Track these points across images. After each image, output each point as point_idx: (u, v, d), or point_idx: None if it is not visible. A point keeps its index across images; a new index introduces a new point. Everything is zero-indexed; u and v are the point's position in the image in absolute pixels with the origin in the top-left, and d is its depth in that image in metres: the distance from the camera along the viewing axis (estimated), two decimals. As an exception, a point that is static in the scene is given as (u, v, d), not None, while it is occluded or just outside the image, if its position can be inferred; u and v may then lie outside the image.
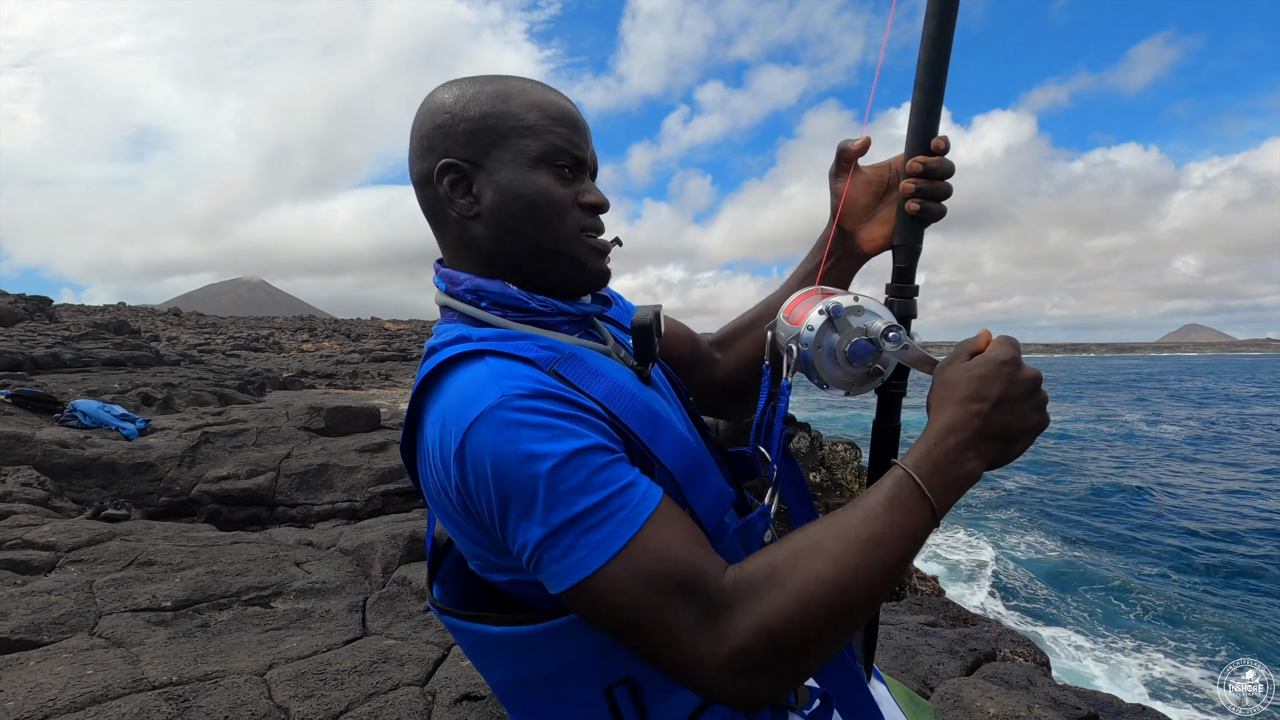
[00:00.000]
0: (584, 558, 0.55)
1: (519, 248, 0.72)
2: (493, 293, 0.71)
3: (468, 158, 0.71)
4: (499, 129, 0.71)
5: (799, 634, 0.55)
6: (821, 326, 0.72)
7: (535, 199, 0.71)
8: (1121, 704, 2.80)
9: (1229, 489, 17.62)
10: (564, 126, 0.73)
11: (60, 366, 11.62)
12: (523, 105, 0.72)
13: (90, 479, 5.15)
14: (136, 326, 26.26)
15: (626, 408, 0.63)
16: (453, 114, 0.71)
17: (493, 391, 0.59)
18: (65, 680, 2.10)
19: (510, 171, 0.71)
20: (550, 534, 0.56)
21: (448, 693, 2.17)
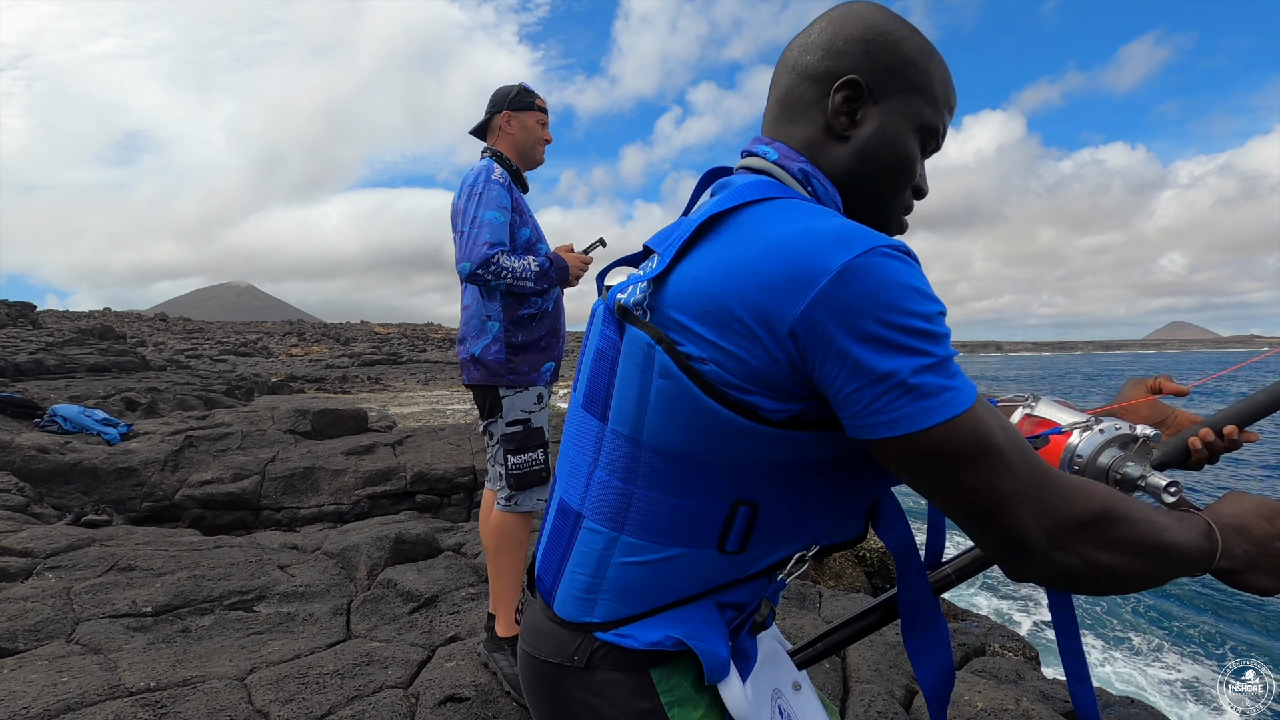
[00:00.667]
0: (957, 395, 0.58)
1: (864, 187, 0.75)
2: (823, 183, 0.74)
3: (871, 86, 0.73)
4: (913, 81, 0.73)
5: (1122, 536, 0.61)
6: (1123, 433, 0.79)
7: (902, 158, 0.74)
8: (1110, 696, 2.80)
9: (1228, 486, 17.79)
10: (949, 112, 0.77)
11: (44, 373, 11.47)
12: (937, 75, 0.75)
13: (71, 484, 5.08)
14: (122, 332, 25.99)
15: None
16: (881, 38, 0.73)
17: (875, 236, 0.60)
18: (40, 688, 2.06)
19: (898, 119, 0.73)
20: (936, 364, 0.58)
21: (431, 695, 2.14)
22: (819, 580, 5.06)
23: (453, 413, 13.37)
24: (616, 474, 0.70)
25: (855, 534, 0.75)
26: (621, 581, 0.70)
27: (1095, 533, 0.61)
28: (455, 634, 2.61)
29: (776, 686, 0.75)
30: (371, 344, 40.53)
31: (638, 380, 0.67)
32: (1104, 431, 0.78)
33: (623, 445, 0.69)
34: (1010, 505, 0.60)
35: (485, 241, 2.00)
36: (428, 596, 2.95)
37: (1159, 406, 0.93)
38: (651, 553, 0.69)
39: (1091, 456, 0.77)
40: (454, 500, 5.52)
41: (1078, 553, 0.61)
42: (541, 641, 0.75)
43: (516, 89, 2.29)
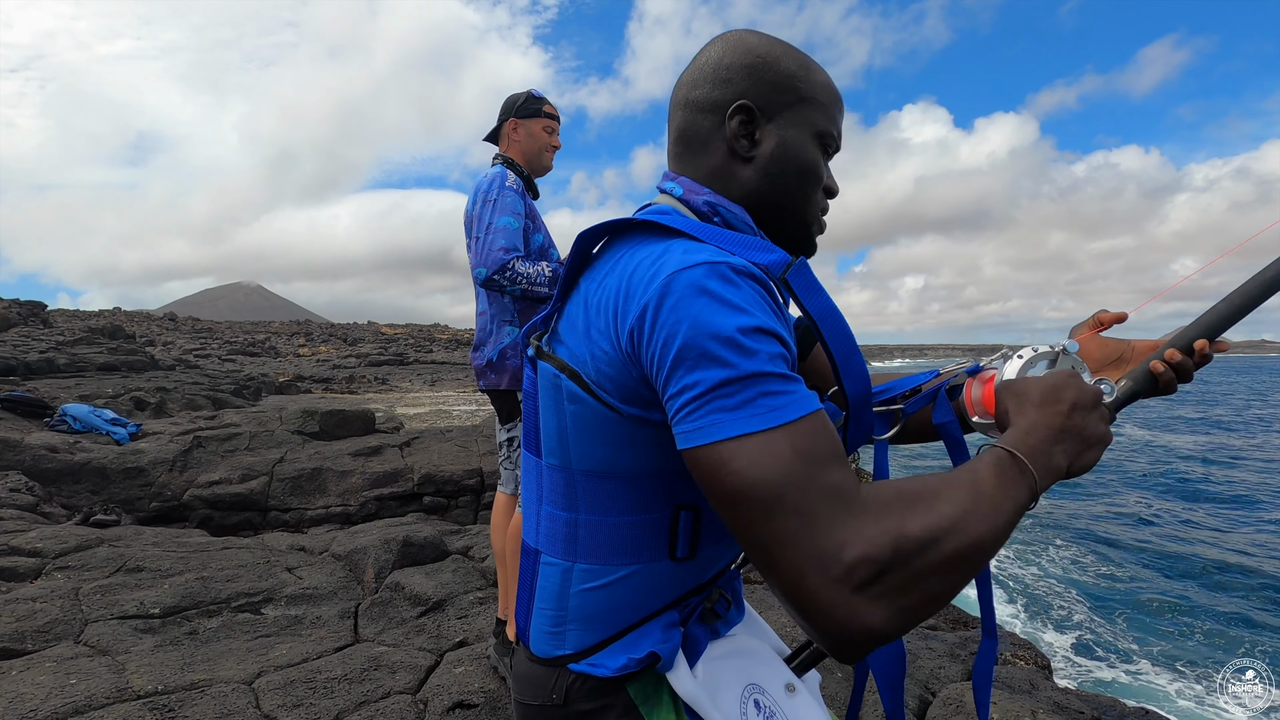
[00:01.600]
0: (758, 415, 0.56)
1: (775, 199, 0.78)
2: (730, 211, 0.76)
3: (762, 106, 0.76)
4: (799, 92, 0.77)
5: (925, 563, 0.54)
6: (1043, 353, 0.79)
7: (807, 166, 0.78)
8: (1125, 707, 2.76)
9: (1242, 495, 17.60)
10: (840, 114, 0.80)
11: (54, 371, 11.54)
12: (819, 82, 0.79)
13: (80, 484, 5.09)
14: (131, 332, 26.16)
15: (834, 329, 0.67)
16: (762, 61, 0.77)
17: (715, 254, 0.62)
18: (48, 690, 2.05)
19: (794, 131, 0.77)
20: (734, 379, 0.56)
21: (440, 701, 2.12)
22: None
23: (459, 414, 13.39)
24: (559, 505, 0.73)
25: None
26: (584, 609, 0.72)
27: (896, 574, 0.53)
28: (463, 639, 2.60)
29: (754, 682, 0.75)
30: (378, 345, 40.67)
31: (554, 411, 0.71)
32: (1022, 356, 0.78)
33: (558, 476, 0.73)
34: (789, 553, 0.53)
35: (500, 247, 2.00)
36: (435, 600, 2.94)
37: (1110, 343, 0.89)
38: (606, 575, 0.71)
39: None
40: (461, 502, 5.52)
41: (882, 602, 0.52)
42: (523, 686, 0.77)
43: (524, 96, 2.30)
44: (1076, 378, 0.69)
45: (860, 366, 0.69)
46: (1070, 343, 0.80)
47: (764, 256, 0.66)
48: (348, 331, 52.46)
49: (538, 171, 2.33)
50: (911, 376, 0.88)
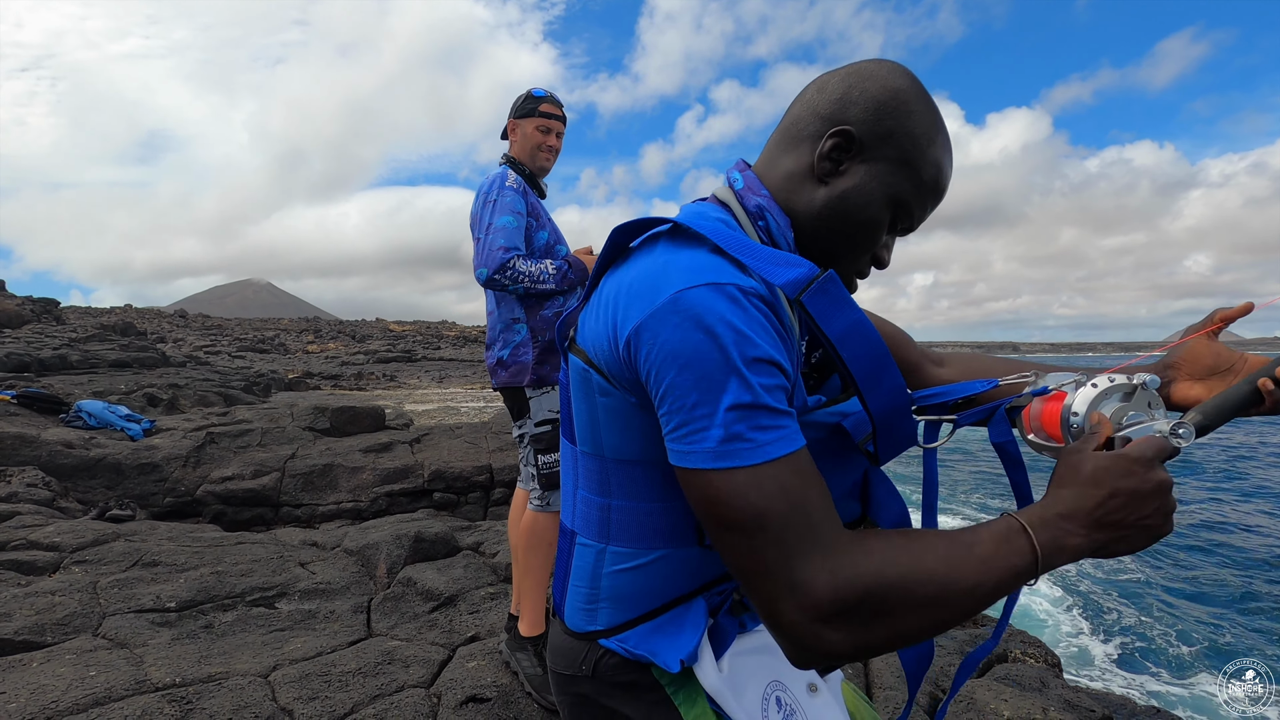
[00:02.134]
0: (747, 449, 0.58)
1: (824, 234, 0.76)
2: (775, 221, 0.75)
3: (866, 143, 0.73)
4: (905, 153, 0.73)
5: (894, 606, 0.57)
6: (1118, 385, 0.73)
7: (869, 222, 0.74)
8: (1135, 706, 2.75)
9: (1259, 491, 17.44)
10: (933, 199, 0.77)
11: (67, 368, 11.66)
12: (933, 156, 0.74)
13: (95, 479, 5.15)
14: (143, 328, 26.37)
15: (860, 348, 0.66)
16: (895, 105, 0.73)
17: (729, 274, 0.62)
18: (68, 682, 2.08)
19: (876, 184, 0.73)
20: (733, 408, 0.58)
21: (453, 694, 2.14)
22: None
23: (468, 410, 13.44)
24: (594, 490, 0.76)
25: (848, 518, 0.78)
26: (615, 589, 0.75)
27: (861, 611, 0.57)
28: (475, 633, 2.62)
29: (777, 678, 0.77)
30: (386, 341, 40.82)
31: (586, 402, 0.73)
32: (1096, 385, 0.73)
33: (593, 463, 0.75)
34: (766, 581, 0.58)
35: (500, 247, 2.02)
36: (447, 595, 2.96)
37: (1224, 353, 0.82)
38: (637, 558, 0.73)
39: (1089, 413, 0.72)
40: (471, 499, 5.55)
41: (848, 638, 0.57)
42: (557, 655, 0.81)
43: (522, 96, 2.31)
44: (1142, 464, 0.63)
45: (891, 381, 0.68)
46: (1151, 378, 0.74)
47: (785, 273, 0.64)
48: (356, 328, 52.67)
49: (536, 171, 2.32)
50: (967, 384, 0.84)
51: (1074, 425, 0.73)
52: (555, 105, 2.33)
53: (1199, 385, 0.83)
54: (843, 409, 0.74)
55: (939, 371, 0.99)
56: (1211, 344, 0.84)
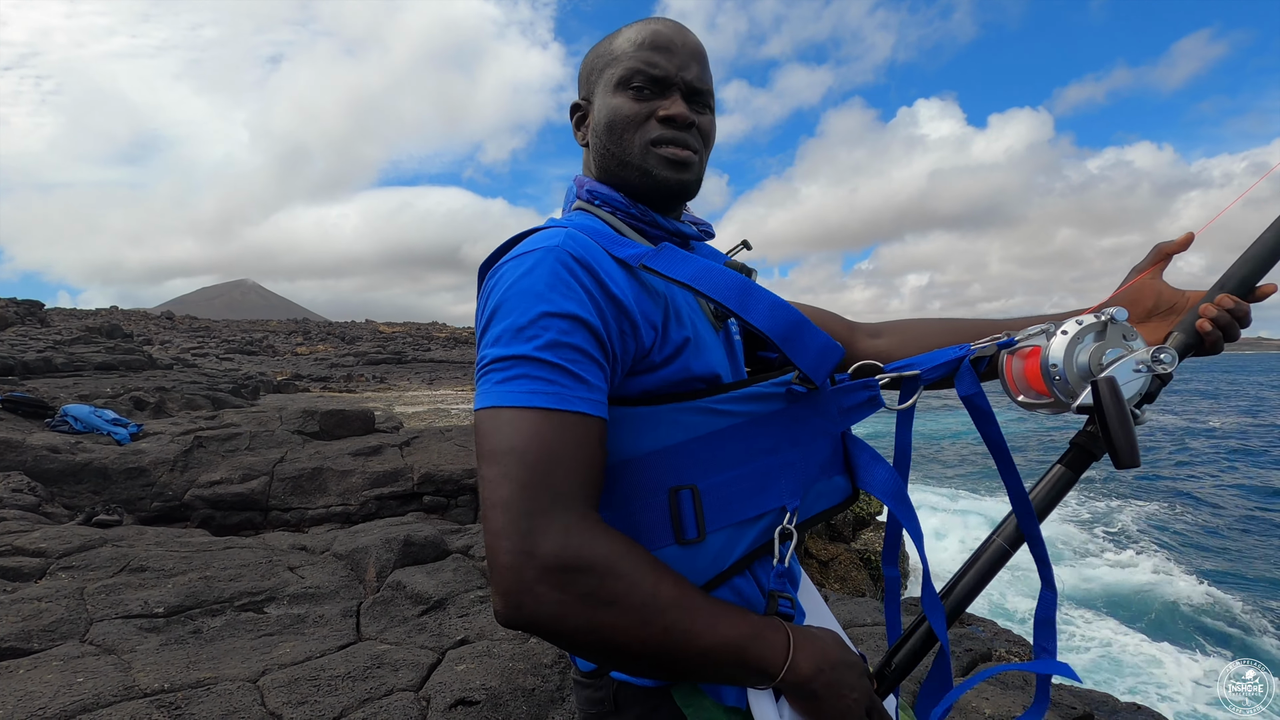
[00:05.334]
0: (515, 392, 0.62)
1: (606, 165, 0.82)
2: (603, 193, 0.82)
3: (585, 95, 0.86)
4: (598, 65, 0.83)
5: (608, 595, 0.58)
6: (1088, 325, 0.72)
7: (609, 119, 0.80)
8: (1117, 703, 2.80)
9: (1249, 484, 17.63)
10: (648, 50, 0.80)
11: (52, 371, 11.54)
12: (624, 41, 0.82)
13: (82, 484, 5.11)
14: (129, 330, 26.12)
15: (716, 283, 0.70)
16: (585, 60, 0.87)
17: (560, 237, 0.69)
18: (55, 688, 2.08)
19: (600, 99, 0.82)
20: (506, 359, 0.63)
21: (442, 698, 2.16)
22: (824, 584, 5.07)
23: (458, 413, 13.41)
24: None
25: (839, 496, 0.79)
26: None
27: (577, 582, 0.57)
28: (465, 637, 2.63)
29: None
30: (376, 343, 40.59)
31: None
32: (1066, 331, 0.72)
33: None
34: (494, 517, 0.59)
35: None
36: (437, 599, 2.97)
37: (1165, 293, 0.83)
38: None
39: (1067, 359, 0.71)
40: (461, 501, 5.55)
41: (552, 600, 0.57)
42: (581, 701, 0.80)
43: None
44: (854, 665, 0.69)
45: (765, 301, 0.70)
46: (1118, 309, 0.73)
47: (625, 249, 0.72)
48: (345, 330, 52.36)
49: None
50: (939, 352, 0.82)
51: (1057, 377, 0.72)
52: None
53: (1143, 328, 0.83)
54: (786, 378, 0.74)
55: (875, 343, 0.98)
56: (1154, 283, 0.84)
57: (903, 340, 0.97)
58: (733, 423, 0.71)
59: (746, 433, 0.71)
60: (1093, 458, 0.75)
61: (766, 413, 0.72)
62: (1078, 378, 0.71)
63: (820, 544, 5.49)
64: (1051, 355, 0.72)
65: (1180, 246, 0.83)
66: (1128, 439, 0.67)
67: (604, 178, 0.83)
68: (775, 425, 0.73)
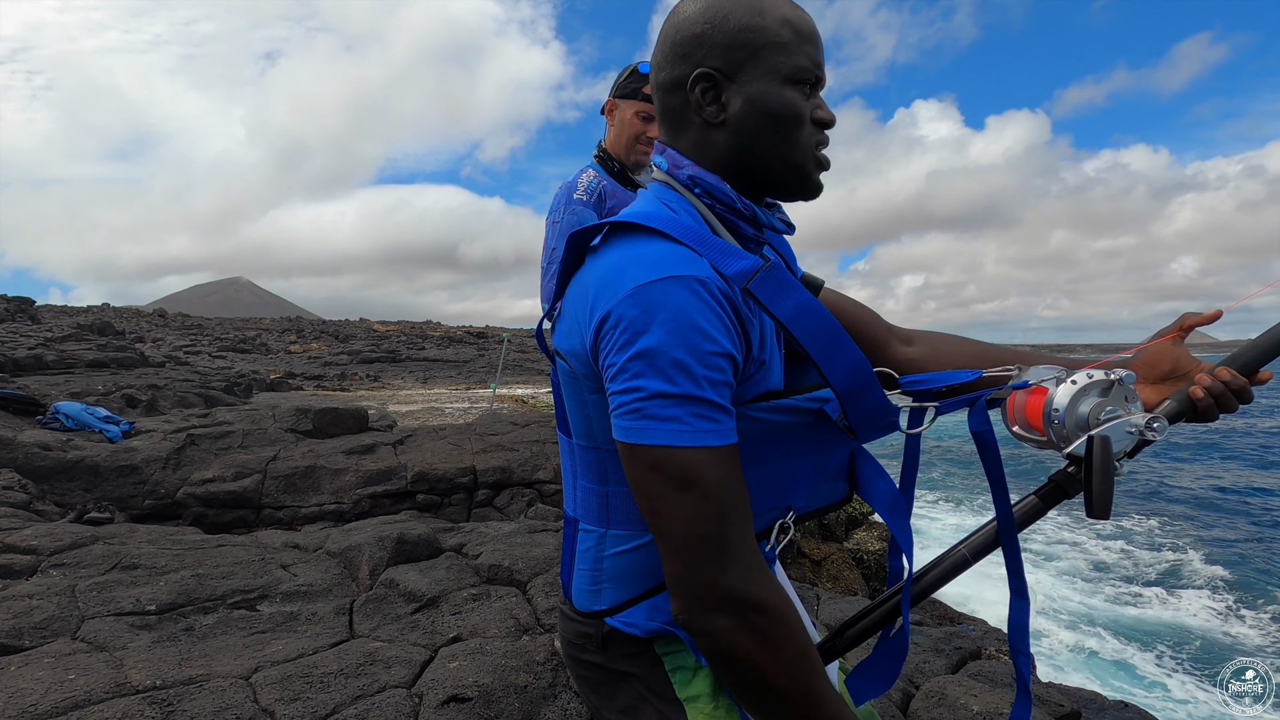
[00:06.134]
0: (686, 432, 0.63)
1: (756, 156, 0.78)
2: (709, 184, 0.78)
3: (721, 68, 0.76)
4: (754, 43, 0.75)
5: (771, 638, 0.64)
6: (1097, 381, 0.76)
7: (782, 112, 0.76)
8: (1104, 701, 2.83)
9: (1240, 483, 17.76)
10: (811, 45, 0.78)
11: (42, 368, 11.47)
12: (776, 20, 0.76)
13: (73, 482, 5.09)
14: (121, 328, 25.98)
15: (812, 326, 0.69)
16: (711, 24, 0.76)
17: (688, 265, 0.67)
18: (47, 685, 2.08)
19: (761, 85, 0.76)
20: (672, 395, 0.63)
21: (435, 694, 2.17)
22: (816, 583, 5.09)
23: (452, 411, 13.39)
24: (592, 479, 0.80)
25: (836, 497, 0.84)
26: (617, 570, 0.80)
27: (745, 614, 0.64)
28: (458, 634, 2.64)
29: None
30: (370, 342, 40.49)
31: (576, 400, 0.78)
32: (1076, 382, 0.77)
33: (589, 454, 0.80)
34: (681, 543, 0.64)
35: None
36: (430, 597, 2.98)
37: (1182, 360, 0.86)
38: (635, 540, 0.78)
39: (1069, 408, 0.76)
40: (454, 500, 5.55)
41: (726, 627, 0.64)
42: (568, 635, 0.87)
43: (627, 70, 1.94)
44: None
45: (849, 357, 0.70)
46: (1127, 373, 0.78)
47: (732, 264, 0.69)
48: (339, 328, 52.19)
49: (632, 166, 1.97)
50: (952, 373, 0.86)
51: (1056, 420, 0.77)
52: None
53: (1149, 389, 0.86)
54: (823, 394, 0.77)
55: (906, 350, 1.00)
56: (1174, 349, 0.87)
57: (932, 353, 1.00)
58: (767, 428, 0.74)
59: (779, 437, 0.75)
60: (1066, 496, 0.81)
61: (798, 423, 0.76)
62: (1074, 426, 0.76)
63: (813, 544, 5.51)
64: (1057, 401, 0.77)
65: (1206, 320, 0.87)
66: (1106, 493, 0.72)
67: (726, 164, 0.78)
68: (803, 435, 0.77)
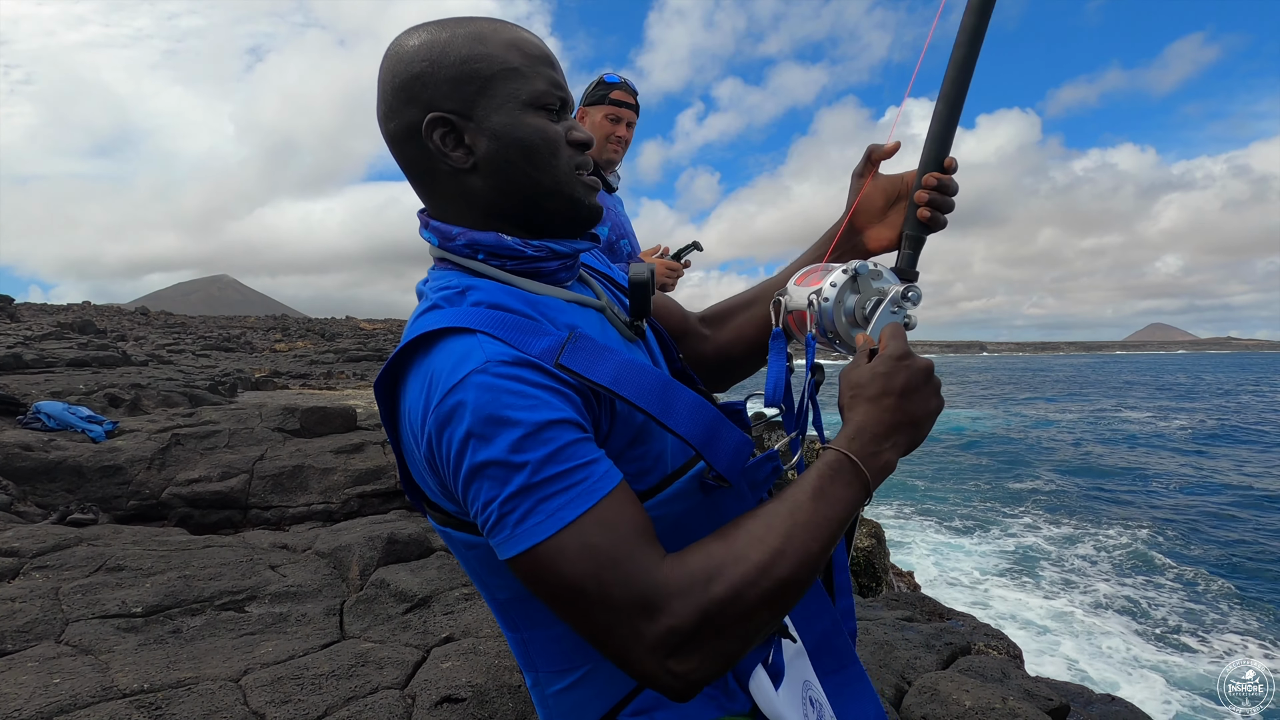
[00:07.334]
0: (539, 523, 0.57)
1: (518, 194, 0.72)
2: (488, 244, 0.71)
3: (454, 108, 0.69)
4: (483, 73, 0.69)
5: (734, 615, 0.57)
6: (844, 285, 0.77)
7: (533, 142, 0.70)
8: (1091, 694, 2.86)
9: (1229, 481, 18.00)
10: (547, 66, 0.72)
11: (21, 367, 11.27)
12: (501, 46, 0.70)
13: (55, 482, 5.01)
14: (102, 326, 25.60)
15: (638, 385, 0.64)
16: (430, 61, 0.69)
17: (478, 356, 0.61)
18: (31, 690, 2.04)
19: (502, 117, 0.69)
20: (510, 496, 0.58)
21: (428, 695, 2.15)
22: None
23: (440, 410, 13.33)
24: (507, 626, 0.76)
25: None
26: (563, 707, 0.74)
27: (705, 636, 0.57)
28: (450, 634, 2.62)
29: (806, 679, 0.78)
30: (357, 340, 40.16)
31: (460, 558, 0.74)
32: (827, 299, 0.77)
33: (493, 606, 0.75)
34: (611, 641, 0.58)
35: None
36: (421, 597, 2.96)
37: (889, 185, 0.87)
38: (569, 676, 0.73)
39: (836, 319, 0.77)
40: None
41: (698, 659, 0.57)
42: None
43: (594, 82, 2.15)
44: (906, 357, 0.68)
45: (686, 404, 0.66)
46: (860, 264, 0.79)
47: (536, 343, 0.64)
48: (325, 326, 51.74)
49: (603, 164, 2.13)
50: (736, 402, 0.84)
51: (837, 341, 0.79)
52: (628, 93, 2.18)
53: (883, 226, 0.89)
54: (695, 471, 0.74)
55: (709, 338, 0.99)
56: (877, 183, 0.88)
57: (726, 328, 0.99)
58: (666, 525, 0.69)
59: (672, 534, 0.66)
60: None
61: (685, 509, 0.73)
62: (849, 330, 0.78)
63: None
64: (825, 322, 0.78)
65: (888, 154, 0.88)
66: None
67: (486, 220, 0.73)
68: (696, 517, 0.73)
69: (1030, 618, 8.61)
